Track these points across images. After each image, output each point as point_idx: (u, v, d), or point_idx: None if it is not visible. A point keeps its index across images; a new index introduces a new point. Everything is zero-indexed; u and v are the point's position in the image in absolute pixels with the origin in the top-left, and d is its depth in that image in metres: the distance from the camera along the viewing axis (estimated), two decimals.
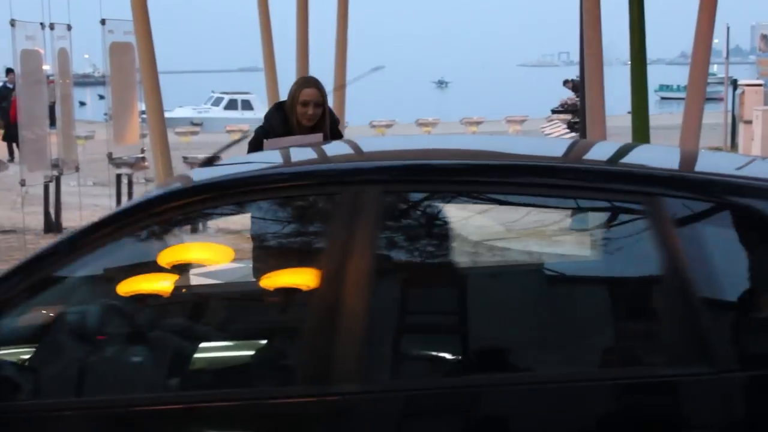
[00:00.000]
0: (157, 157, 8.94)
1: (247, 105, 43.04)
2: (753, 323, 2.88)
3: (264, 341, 3.49)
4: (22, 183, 11.25)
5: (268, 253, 3.59)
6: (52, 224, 11.79)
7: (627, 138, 7.42)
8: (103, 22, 11.36)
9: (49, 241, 3.27)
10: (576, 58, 13.04)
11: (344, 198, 2.96)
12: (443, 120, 24.72)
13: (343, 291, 2.82)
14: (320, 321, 2.84)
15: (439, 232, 3.28)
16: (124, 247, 3.13)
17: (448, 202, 3.23)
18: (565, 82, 27.91)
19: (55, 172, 12.04)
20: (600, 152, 3.71)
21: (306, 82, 6.06)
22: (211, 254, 3.85)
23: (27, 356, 3.24)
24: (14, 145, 24.10)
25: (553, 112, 25.75)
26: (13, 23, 10.83)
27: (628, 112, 8.29)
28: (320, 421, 2.77)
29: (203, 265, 3.86)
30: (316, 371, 2.80)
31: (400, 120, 25.30)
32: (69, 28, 12.11)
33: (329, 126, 5.97)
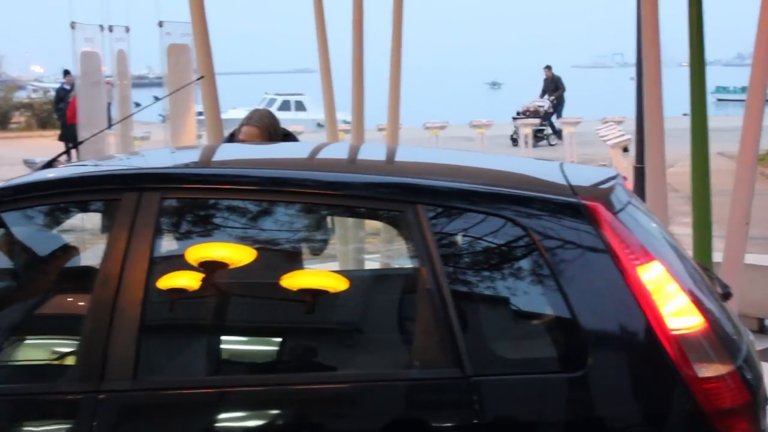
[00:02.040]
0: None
1: (300, 106, 43.23)
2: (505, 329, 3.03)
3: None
4: None
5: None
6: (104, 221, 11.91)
7: (685, 140, 7.35)
8: (160, 24, 11.49)
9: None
10: (630, 59, 12.99)
11: (125, 202, 3.10)
12: (496, 122, 24.61)
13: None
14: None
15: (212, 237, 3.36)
16: None
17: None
18: (546, 68, 27.48)
19: None
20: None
21: (248, 119, 5.58)
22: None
23: None
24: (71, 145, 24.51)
25: (514, 119, 25.44)
26: (73, 26, 11.00)
27: (684, 114, 8.19)
28: None
29: None
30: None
31: (453, 122, 25.22)
32: (127, 30, 12.27)
33: None
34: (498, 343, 2.98)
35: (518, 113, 25.70)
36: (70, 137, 24.37)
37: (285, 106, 43.16)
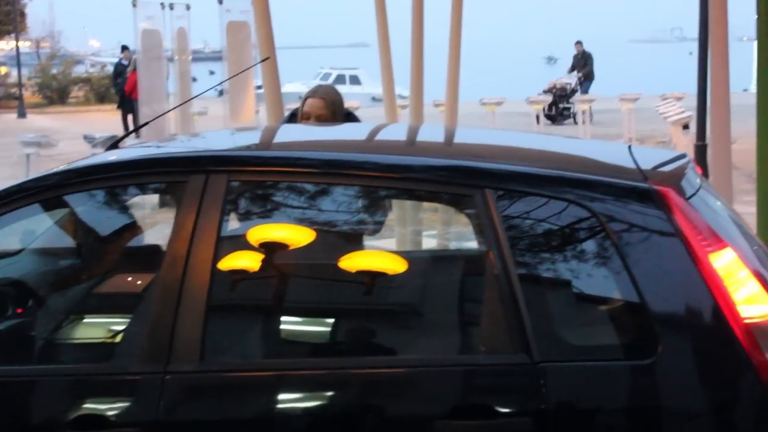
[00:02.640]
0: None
1: (355, 80, 43.20)
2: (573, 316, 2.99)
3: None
4: None
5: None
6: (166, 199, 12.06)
7: (744, 117, 7.22)
8: (220, 1, 11.54)
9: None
10: (690, 33, 12.75)
11: (192, 185, 3.11)
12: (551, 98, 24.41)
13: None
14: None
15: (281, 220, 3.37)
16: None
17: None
18: (577, 44, 27.00)
19: None
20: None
21: (313, 91, 5.46)
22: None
23: None
24: (129, 119, 24.77)
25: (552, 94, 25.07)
26: (134, 4, 11.12)
27: (744, 90, 8.07)
28: None
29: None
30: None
31: (510, 97, 25.07)
32: (188, 8, 12.38)
33: None
34: (565, 328, 2.96)
35: (544, 91, 25.36)
36: (128, 112, 24.68)
37: (340, 80, 43.13)
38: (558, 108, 24.96)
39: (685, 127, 15.12)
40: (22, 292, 3.90)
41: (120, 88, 24.92)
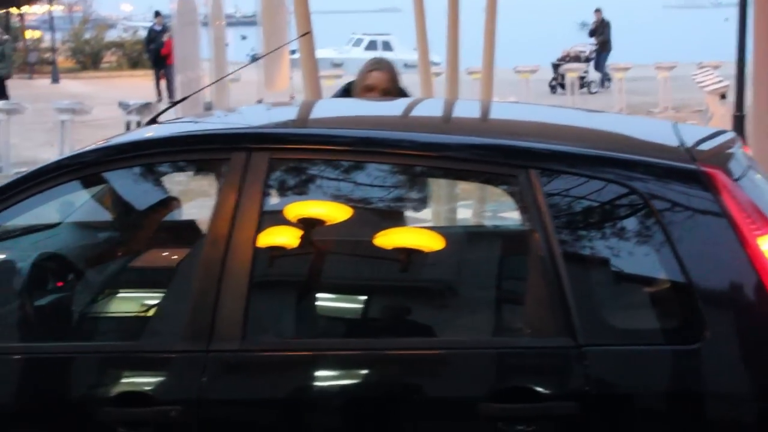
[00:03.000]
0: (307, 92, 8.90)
1: (386, 46, 43.02)
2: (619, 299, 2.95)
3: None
4: None
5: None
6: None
7: None
8: None
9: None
10: None
11: (234, 162, 3.08)
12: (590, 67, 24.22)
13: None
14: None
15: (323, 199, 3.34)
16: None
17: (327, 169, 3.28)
18: (596, 11, 26.56)
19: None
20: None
21: (376, 63, 5.36)
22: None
23: None
24: (162, 84, 24.86)
25: (555, 66, 24.70)
26: None
27: None
28: None
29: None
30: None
31: (544, 64, 24.88)
32: None
33: None
34: (610, 311, 2.92)
35: (559, 59, 25.01)
36: (162, 77, 24.76)
37: (372, 46, 43.00)
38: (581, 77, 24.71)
39: (723, 96, 14.92)
40: (61, 266, 3.91)
41: (153, 54, 25.04)
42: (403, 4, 10.92)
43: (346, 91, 5.42)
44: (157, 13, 26.12)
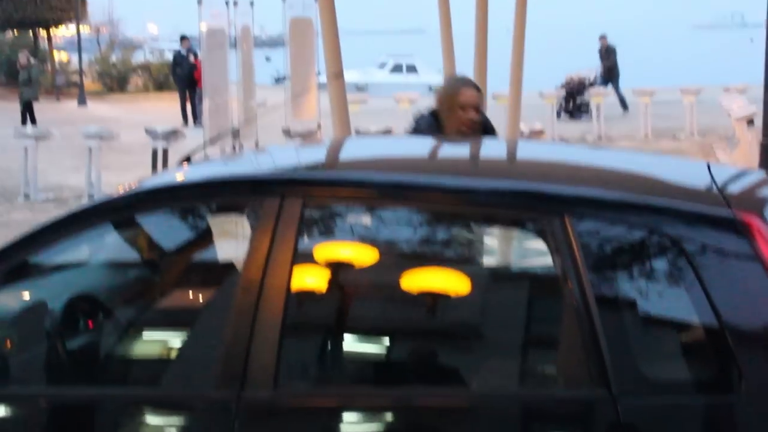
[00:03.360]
0: (336, 123, 8.90)
1: (411, 69, 43.12)
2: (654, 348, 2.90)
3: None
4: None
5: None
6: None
7: None
8: None
9: None
10: (750, 19, 12.24)
11: (267, 208, 3.08)
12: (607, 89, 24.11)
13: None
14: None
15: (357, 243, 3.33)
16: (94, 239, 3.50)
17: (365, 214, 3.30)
18: (601, 38, 26.09)
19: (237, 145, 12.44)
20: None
21: (465, 82, 5.29)
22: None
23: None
24: (188, 107, 24.97)
25: (567, 91, 24.32)
26: (199, 1, 11.25)
27: None
28: None
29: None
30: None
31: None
32: (252, 4, 12.52)
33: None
34: (645, 360, 2.89)
35: (562, 85, 24.69)
36: (187, 100, 24.90)
37: (397, 69, 43.13)
38: (575, 102, 24.46)
39: (750, 122, 14.83)
40: (92, 306, 3.91)
41: (179, 77, 25.17)
42: (428, 25, 10.87)
43: (434, 116, 5.27)
44: (183, 37, 26.28)
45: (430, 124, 5.15)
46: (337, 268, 3.33)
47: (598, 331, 2.83)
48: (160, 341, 3.78)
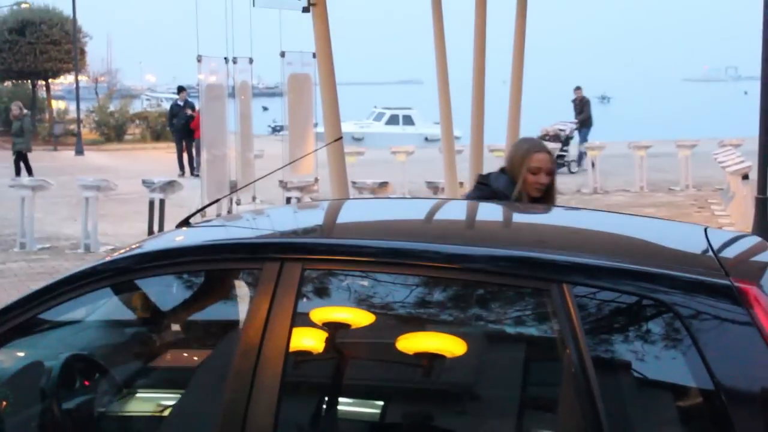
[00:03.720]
0: (333, 178, 8.94)
1: (408, 120, 43.36)
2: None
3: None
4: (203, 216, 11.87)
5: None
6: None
7: None
8: (282, 54, 11.75)
9: None
10: (744, 72, 12.29)
11: (266, 272, 3.10)
12: (609, 141, 24.24)
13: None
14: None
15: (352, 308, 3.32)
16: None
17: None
18: (576, 89, 25.96)
19: (235, 201, 12.51)
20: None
21: (537, 145, 5.41)
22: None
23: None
24: (185, 158, 25.08)
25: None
26: (199, 59, 11.40)
27: None
28: None
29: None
30: None
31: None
32: (251, 61, 12.69)
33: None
34: (643, 427, 2.88)
35: (538, 138, 24.57)
36: (183, 150, 25.02)
37: (393, 121, 43.37)
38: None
39: (745, 177, 14.92)
40: (88, 365, 3.90)
41: (176, 128, 25.32)
42: (424, 77, 10.96)
43: (506, 174, 5.36)
44: (181, 89, 26.46)
45: (507, 185, 5.26)
46: (336, 332, 3.33)
47: (596, 400, 2.82)
48: (158, 403, 3.76)
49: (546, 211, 4.43)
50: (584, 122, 25.47)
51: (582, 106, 25.76)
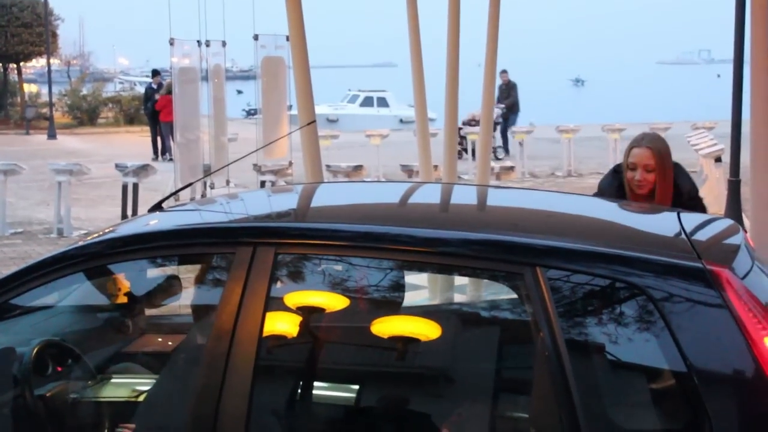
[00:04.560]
0: (307, 163, 8.91)
1: (382, 102, 43.35)
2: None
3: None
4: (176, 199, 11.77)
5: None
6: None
7: None
8: (256, 37, 11.68)
9: None
10: (717, 55, 12.25)
11: (239, 257, 3.08)
12: (583, 124, 24.28)
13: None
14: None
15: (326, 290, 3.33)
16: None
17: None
18: (502, 73, 24.35)
19: (209, 185, 12.43)
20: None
21: (639, 140, 5.13)
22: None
23: None
24: (158, 141, 24.90)
25: (459, 128, 23.42)
26: (171, 42, 11.30)
27: None
28: None
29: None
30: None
31: (538, 123, 24.99)
32: (224, 44, 12.61)
33: (679, 198, 5.07)
34: (617, 410, 2.90)
35: (463, 122, 22.72)
36: (158, 134, 24.84)
37: (367, 103, 43.34)
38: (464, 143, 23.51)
39: (718, 160, 14.99)
40: (61, 351, 3.88)
41: (150, 112, 25.13)
42: (399, 60, 10.96)
43: (616, 171, 5.25)
44: (155, 72, 26.28)
45: (611, 183, 5.17)
46: (309, 315, 3.33)
47: (570, 381, 2.83)
48: (132, 388, 3.75)
49: (521, 195, 4.44)
50: (511, 107, 24.71)
51: (509, 91, 25.00)
